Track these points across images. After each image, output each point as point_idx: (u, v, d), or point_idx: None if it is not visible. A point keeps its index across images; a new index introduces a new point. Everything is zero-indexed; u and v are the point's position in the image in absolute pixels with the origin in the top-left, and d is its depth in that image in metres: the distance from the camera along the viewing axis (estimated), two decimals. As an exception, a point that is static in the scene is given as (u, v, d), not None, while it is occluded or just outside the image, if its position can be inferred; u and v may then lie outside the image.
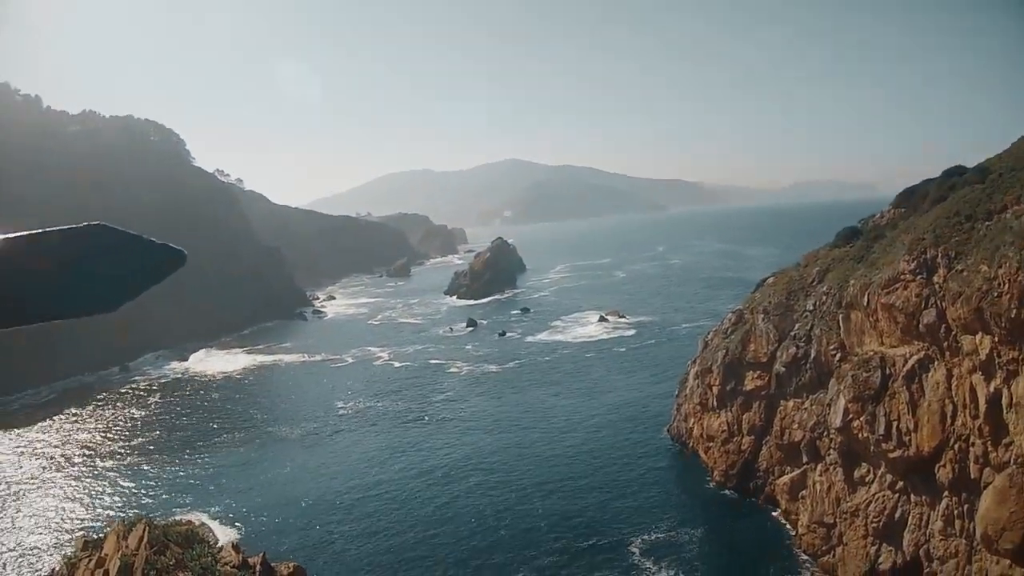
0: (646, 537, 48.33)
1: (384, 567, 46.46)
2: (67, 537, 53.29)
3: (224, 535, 44.91)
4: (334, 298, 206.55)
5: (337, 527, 52.89)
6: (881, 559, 36.91)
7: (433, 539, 49.87)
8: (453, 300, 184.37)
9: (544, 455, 64.72)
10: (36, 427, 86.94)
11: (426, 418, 79.76)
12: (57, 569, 26.86)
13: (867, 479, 38.47)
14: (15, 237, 1.62)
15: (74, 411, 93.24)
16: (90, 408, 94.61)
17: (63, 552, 40.25)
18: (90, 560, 24.21)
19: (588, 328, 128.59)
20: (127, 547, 23.55)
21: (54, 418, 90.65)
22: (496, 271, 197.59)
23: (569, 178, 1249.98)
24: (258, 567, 25.25)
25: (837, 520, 40.10)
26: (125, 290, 1.68)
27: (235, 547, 26.74)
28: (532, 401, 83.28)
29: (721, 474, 54.32)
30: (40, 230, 1.64)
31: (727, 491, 53.36)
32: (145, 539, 23.79)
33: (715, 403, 56.58)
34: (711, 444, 56.36)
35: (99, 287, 1.65)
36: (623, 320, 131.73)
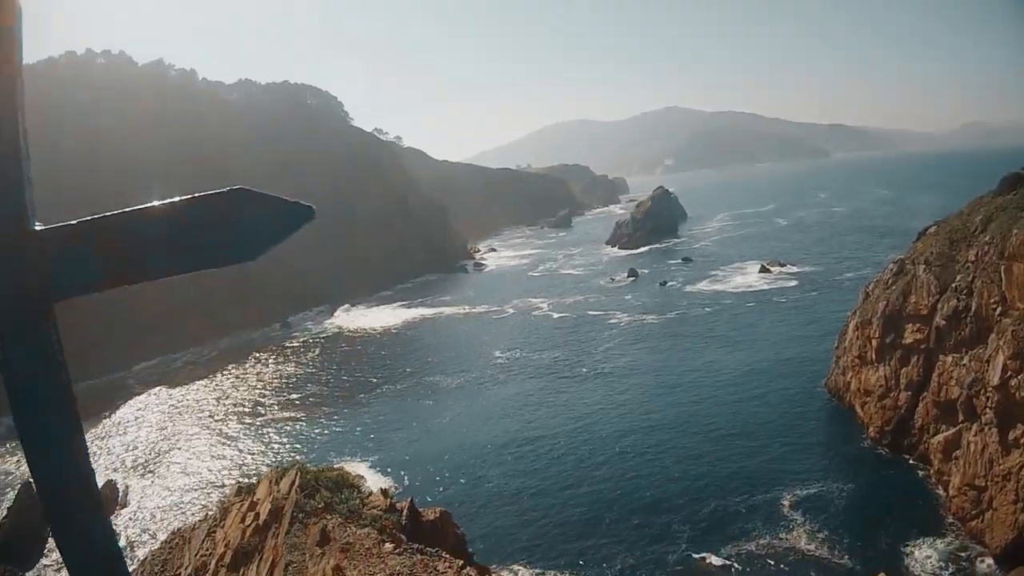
0: (798, 492, 47.79)
1: (534, 522, 47.45)
2: (222, 485, 56.23)
3: (377, 483, 46.71)
4: (495, 250, 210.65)
5: (489, 479, 54.59)
6: (1030, 527, 35.08)
7: (586, 494, 50.47)
8: (614, 250, 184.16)
9: (702, 408, 64.59)
10: (197, 383, 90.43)
11: (584, 370, 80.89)
12: (211, 513, 28.74)
13: (1021, 441, 36.38)
14: (173, 201, 1.94)
15: (234, 367, 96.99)
16: (250, 364, 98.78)
17: (217, 498, 42.40)
18: (242, 504, 25.80)
19: (749, 278, 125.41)
20: (278, 491, 25.11)
21: (215, 374, 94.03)
22: (658, 220, 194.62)
23: (729, 124, 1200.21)
24: (405, 511, 26.81)
25: (988, 483, 38.08)
26: (263, 240, 1.99)
27: (384, 492, 28.27)
28: (691, 353, 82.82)
29: (876, 430, 52.54)
30: (191, 195, 1.94)
31: (881, 449, 51.58)
32: (296, 483, 25.21)
33: (873, 356, 54.44)
34: (868, 399, 54.55)
35: (240, 239, 1.98)
36: (785, 269, 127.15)
